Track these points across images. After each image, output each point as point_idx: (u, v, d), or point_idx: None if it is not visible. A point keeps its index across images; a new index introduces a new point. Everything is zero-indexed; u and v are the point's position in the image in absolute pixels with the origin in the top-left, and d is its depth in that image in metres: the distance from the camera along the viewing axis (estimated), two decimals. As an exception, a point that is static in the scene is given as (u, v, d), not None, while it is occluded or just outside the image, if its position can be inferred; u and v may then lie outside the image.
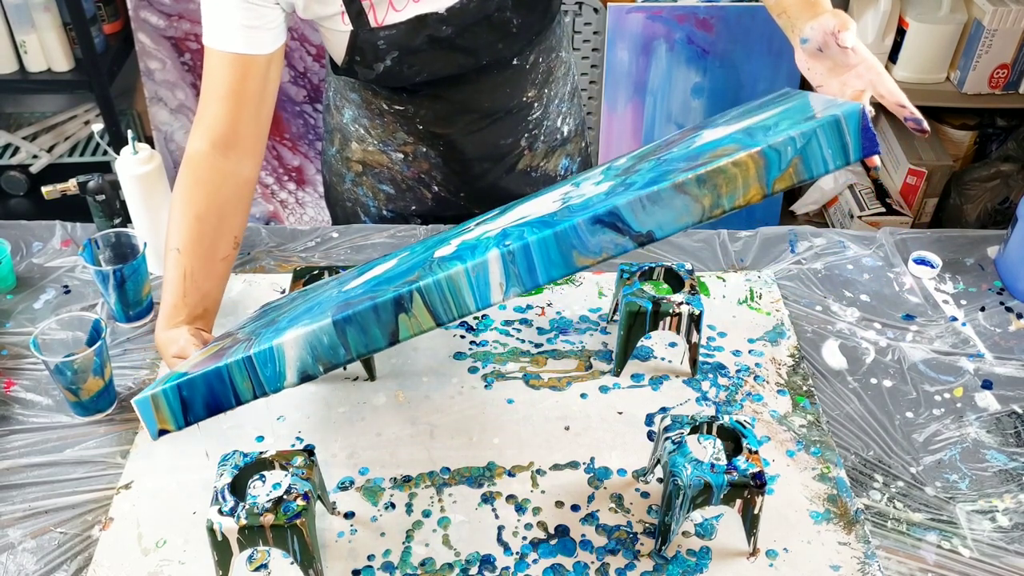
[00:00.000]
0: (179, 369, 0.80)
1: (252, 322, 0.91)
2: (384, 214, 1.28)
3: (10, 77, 2.16)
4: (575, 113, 1.27)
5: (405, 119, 1.15)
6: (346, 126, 1.21)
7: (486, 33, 1.05)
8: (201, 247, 0.96)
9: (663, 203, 0.65)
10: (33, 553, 0.85)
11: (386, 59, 1.04)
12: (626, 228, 0.66)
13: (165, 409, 0.73)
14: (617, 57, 2.11)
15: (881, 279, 1.20)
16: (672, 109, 2.17)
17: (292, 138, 2.26)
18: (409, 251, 0.91)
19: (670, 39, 2.10)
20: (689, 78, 2.13)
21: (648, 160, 0.81)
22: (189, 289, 0.94)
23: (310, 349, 0.70)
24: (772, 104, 0.83)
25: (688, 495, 0.82)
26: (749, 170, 0.64)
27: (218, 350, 0.81)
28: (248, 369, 0.71)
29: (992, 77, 1.99)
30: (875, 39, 2.00)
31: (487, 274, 0.67)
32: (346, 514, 0.90)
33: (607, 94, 2.14)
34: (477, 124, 1.15)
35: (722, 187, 0.65)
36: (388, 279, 0.77)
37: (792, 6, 0.88)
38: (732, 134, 0.74)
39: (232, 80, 0.98)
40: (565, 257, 0.67)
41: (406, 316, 0.68)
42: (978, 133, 2.23)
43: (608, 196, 0.70)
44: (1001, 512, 0.92)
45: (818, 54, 0.86)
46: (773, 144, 0.63)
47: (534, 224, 0.70)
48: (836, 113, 0.64)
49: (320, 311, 0.75)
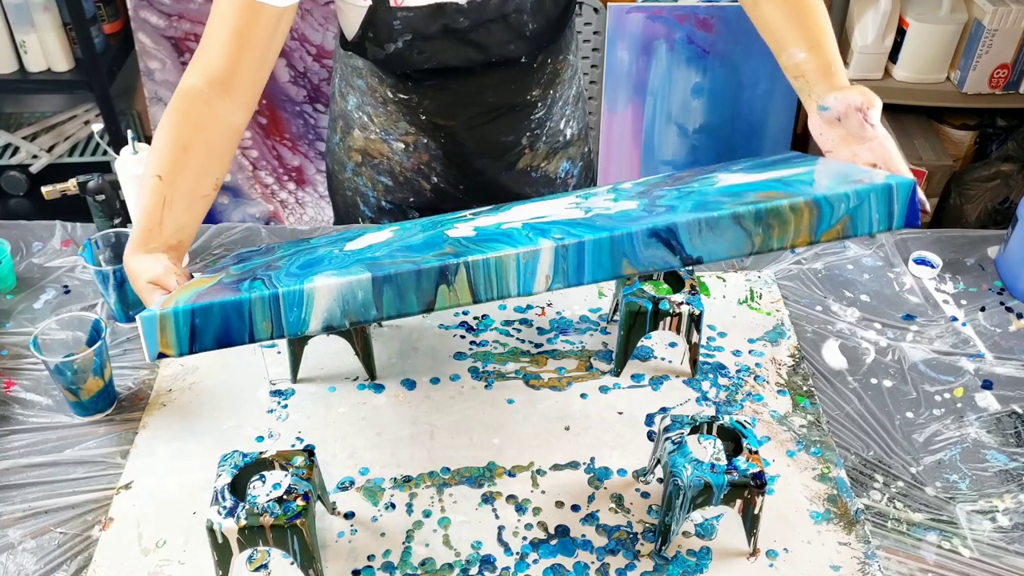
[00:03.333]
0: (167, 305, 0.73)
1: (235, 263, 0.88)
2: (383, 205, 1.28)
3: (10, 77, 2.16)
4: (579, 117, 1.28)
5: (408, 109, 1.15)
6: (350, 113, 1.22)
7: (501, 32, 1.06)
8: (184, 179, 0.91)
9: (719, 231, 0.66)
10: (33, 553, 0.85)
11: (398, 41, 1.04)
12: (679, 248, 0.68)
13: (171, 332, 0.70)
14: (617, 57, 2.11)
15: (881, 279, 1.20)
16: (672, 109, 2.17)
17: (292, 138, 2.26)
18: (401, 228, 0.90)
19: (670, 39, 2.10)
20: (689, 78, 2.13)
21: (663, 189, 0.81)
22: (167, 218, 0.89)
23: (342, 301, 0.69)
24: (791, 163, 0.83)
25: (688, 495, 0.82)
26: (803, 217, 0.66)
27: (214, 285, 0.77)
28: (272, 308, 0.69)
29: (992, 77, 1.99)
30: (875, 39, 2.00)
31: (536, 263, 0.68)
32: (346, 514, 0.90)
33: (607, 94, 2.14)
34: (480, 118, 1.15)
35: (775, 227, 0.67)
36: (409, 247, 0.75)
37: (811, 72, 0.89)
38: (765, 181, 0.75)
39: (241, 23, 0.95)
40: (615, 263, 0.68)
41: (447, 288, 0.68)
42: (978, 133, 2.23)
43: (650, 214, 0.70)
44: (1001, 512, 0.92)
45: (835, 122, 0.87)
46: (829, 197, 0.65)
47: (574, 225, 0.70)
48: (890, 182, 0.66)
49: (341, 265, 0.73)
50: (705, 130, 2.18)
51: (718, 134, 2.19)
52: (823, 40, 0.90)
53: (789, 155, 0.92)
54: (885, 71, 2.06)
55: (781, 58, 0.93)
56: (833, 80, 0.88)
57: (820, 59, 0.89)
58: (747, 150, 2.17)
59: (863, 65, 2.03)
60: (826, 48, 0.90)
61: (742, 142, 2.17)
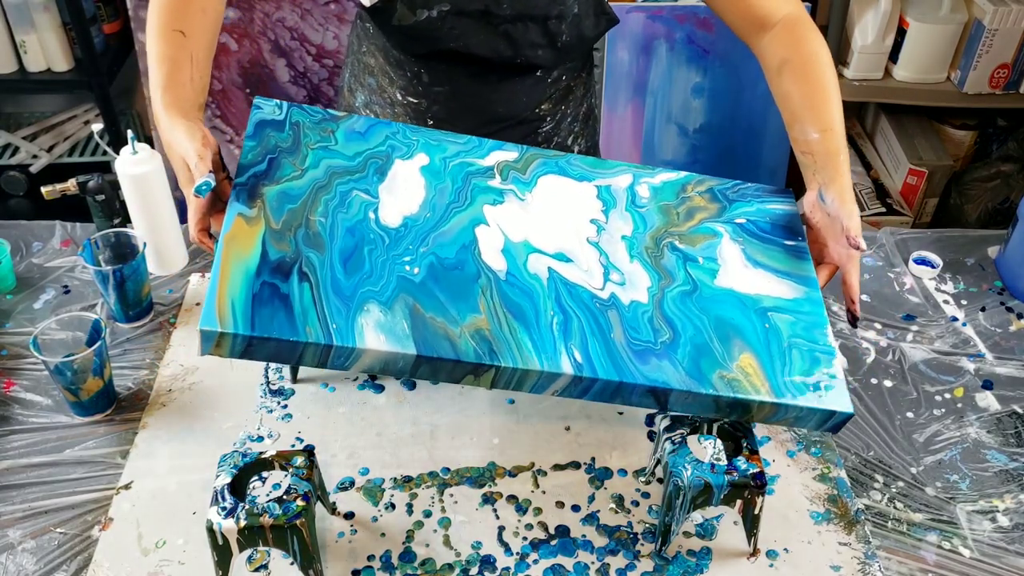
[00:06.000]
0: (223, 311, 0.74)
1: (265, 178, 0.86)
2: None
3: (10, 77, 2.16)
4: (588, 136, 1.27)
5: (416, 113, 1.15)
6: (357, 110, 1.21)
7: (536, 33, 1.05)
8: (204, 39, 0.90)
9: (700, 401, 0.80)
10: (33, 553, 0.85)
11: (434, 9, 1.02)
12: (664, 404, 0.80)
13: (227, 347, 0.74)
14: (617, 57, 2.11)
15: (881, 279, 1.20)
16: (672, 109, 2.17)
17: (292, 138, 2.26)
18: (430, 170, 0.92)
19: (670, 39, 2.10)
20: (690, 78, 2.13)
21: (670, 241, 0.91)
22: (195, 75, 0.88)
23: (383, 363, 0.77)
24: (788, 256, 0.92)
25: (688, 495, 0.82)
26: (763, 411, 0.81)
27: (258, 259, 0.78)
28: (323, 352, 0.75)
29: (993, 77, 1.99)
30: (875, 39, 2.00)
31: (553, 382, 0.78)
32: (346, 514, 0.89)
33: (607, 94, 2.14)
34: (486, 128, 1.14)
35: (739, 410, 0.81)
36: (443, 263, 0.83)
37: (820, 154, 0.94)
38: (753, 311, 0.86)
39: None
40: (612, 398, 0.80)
41: (474, 378, 0.78)
42: (978, 133, 2.23)
43: (655, 334, 0.83)
44: (1001, 512, 0.92)
45: (826, 214, 0.93)
46: (788, 406, 0.80)
47: (593, 333, 0.81)
48: (833, 410, 0.81)
49: (384, 291, 0.79)
50: (705, 130, 2.18)
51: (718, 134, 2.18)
52: (836, 125, 0.94)
53: (777, 193, 0.99)
54: (885, 71, 2.06)
55: (793, 131, 0.97)
56: (840, 171, 0.93)
57: (831, 144, 0.94)
58: (747, 150, 2.17)
59: (863, 65, 2.03)
60: (837, 134, 0.94)
61: (742, 142, 2.17)
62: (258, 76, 2.11)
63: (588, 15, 1.07)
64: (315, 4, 2.09)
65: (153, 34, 0.89)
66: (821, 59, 0.98)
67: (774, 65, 1.00)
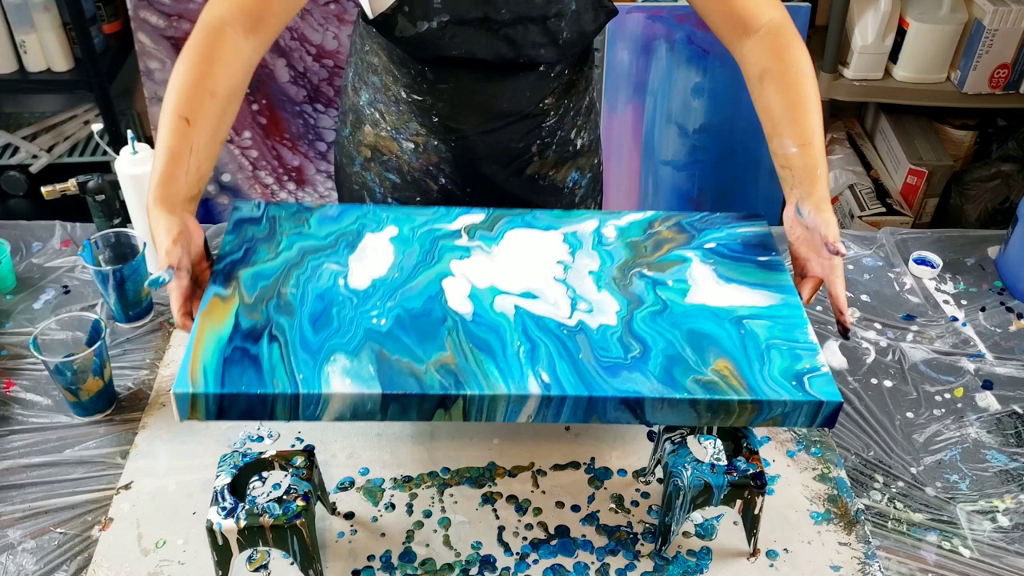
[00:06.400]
0: (195, 373, 0.77)
1: (238, 252, 0.90)
2: (388, 202, 1.27)
3: (10, 77, 2.16)
4: (590, 128, 1.27)
5: (421, 110, 1.15)
6: (361, 108, 1.21)
7: (536, 33, 1.05)
8: (210, 125, 0.91)
9: (677, 408, 0.78)
10: (33, 553, 0.85)
11: (433, 20, 1.02)
12: (641, 415, 0.78)
13: (201, 409, 0.76)
14: (617, 57, 2.11)
15: (881, 279, 1.20)
16: (672, 109, 2.17)
17: (292, 138, 2.26)
18: (400, 239, 0.93)
19: (670, 39, 2.10)
20: (689, 78, 2.13)
21: (638, 270, 0.90)
22: (192, 166, 0.89)
23: (352, 407, 0.77)
24: (758, 274, 0.92)
25: (688, 495, 0.82)
26: (746, 411, 0.78)
27: (231, 327, 0.81)
28: (292, 404, 0.76)
29: (993, 77, 1.99)
30: (875, 39, 2.00)
31: (523, 405, 0.77)
32: (346, 514, 0.90)
33: (607, 94, 2.14)
34: (491, 124, 1.14)
35: (722, 415, 0.78)
36: (410, 313, 0.84)
37: (798, 168, 0.93)
38: (727, 320, 0.85)
39: None
40: (587, 416, 0.78)
41: (444, 411, 0.77)
42: (978, 133, 2.22)
43: (625, 349, 0.81)
44: (1001, 512, 0.92)
45: (804, 227, 0.93)
46: (772, 402, 0.77)
47: (559, 354, 0.80)
48: (822, 399, 0.78)
49: (351, 343, 0.80)
50: (705, 130, 2.18)
51: (718, 134, 2.18)
52: (815, 139, 0.94)
53: (750, 219, 0.99)
54: (885, 71, 2.06)
55: (772, 143, 0.97)
56: (816, 184, 0.92)
57: (809, 159, 0.93)
58: (747, 150, 2.16)
59: (863, 65, 2.03)
60: (816, 148, 0.94)
61: (742, 142, 2.17)
62: (258, 76, 2.11)
63: (587, 10, 1.07)
64: (315, 4, 2.09)
65: (162, 120, 0.91)
66: (803, 69, 0.97)
67: (755, 74, 1.00)
